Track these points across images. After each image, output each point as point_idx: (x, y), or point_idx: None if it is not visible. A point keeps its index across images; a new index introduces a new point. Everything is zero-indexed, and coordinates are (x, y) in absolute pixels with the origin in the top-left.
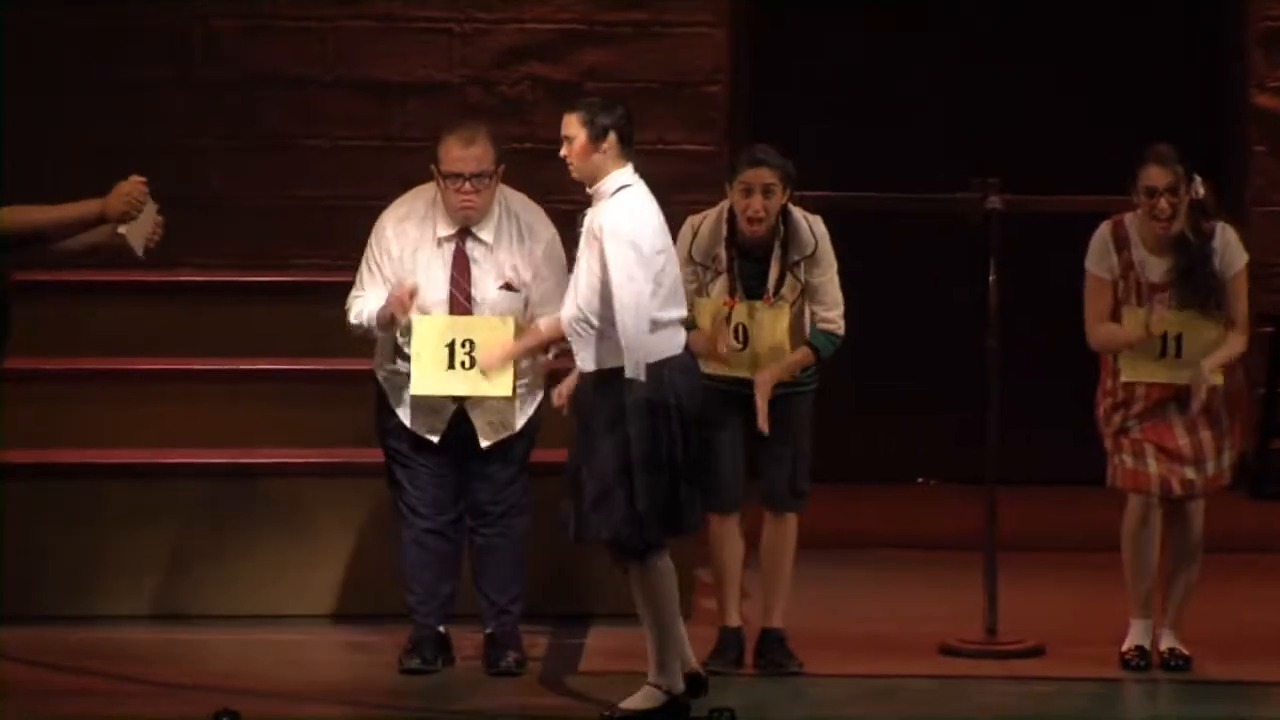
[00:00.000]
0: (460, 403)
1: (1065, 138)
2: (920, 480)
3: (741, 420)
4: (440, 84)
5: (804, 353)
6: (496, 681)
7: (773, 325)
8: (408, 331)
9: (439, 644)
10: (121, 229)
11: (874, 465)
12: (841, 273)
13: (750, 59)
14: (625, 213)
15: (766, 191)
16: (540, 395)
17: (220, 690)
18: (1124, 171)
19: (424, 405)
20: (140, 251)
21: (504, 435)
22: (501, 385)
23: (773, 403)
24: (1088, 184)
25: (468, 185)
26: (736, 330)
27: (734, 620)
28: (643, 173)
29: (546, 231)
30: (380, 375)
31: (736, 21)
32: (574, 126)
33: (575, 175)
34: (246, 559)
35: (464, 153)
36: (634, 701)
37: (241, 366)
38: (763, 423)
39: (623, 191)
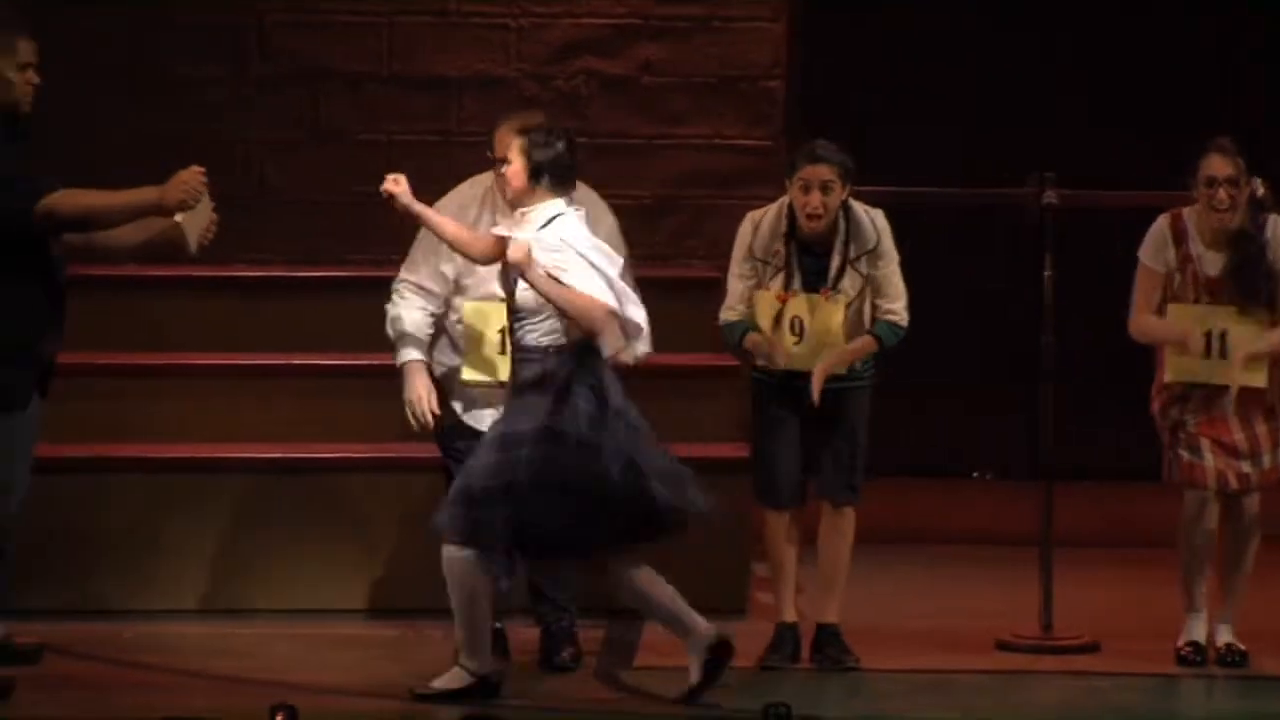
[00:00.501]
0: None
1: (1122, 136)
2: (975, 475)
3: (798, 416)
4: (497, 79)
5: (867, 340)
6: (552, 677)
7: (829, 319)
8: (460, 321)
9: (496, 640)
10: (178, 218)
11: (929, 460)
12: (899, 266)
13: (808, 53)
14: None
15: (825, 188)
16: None
17: (276, 685)
18: (1180, 171)
19: (479, 397)
20: (194, 247)
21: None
22: None
23: (829, 396)
24: (1141, 183)
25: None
26: (793, 324)
27: (790, 615)
28: (699, 167)
29: (607, 218)
30: (437, 371)
31: (794, 16)
32: (514, 153)
33: (508, 196)
34: (299, 554)
35: (510, 138)
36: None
37: (294, 361)
38: (816, 394)
39: (554, 222)
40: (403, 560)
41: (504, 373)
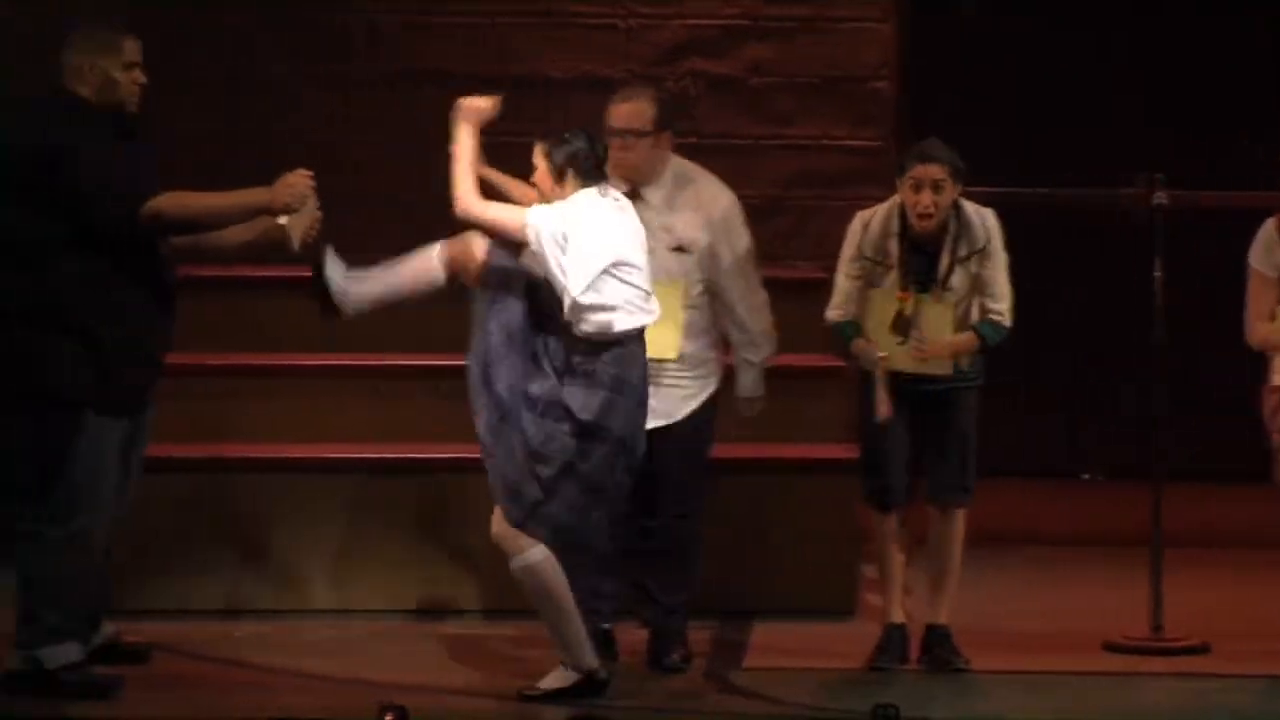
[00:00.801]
0: None
1: (1228, 137)
2: (1086, 476)
3: (907, 416)
4: (604, 79)
5: (970, 335)
6: (660, 678)
7: (937, 320)
8: None
9: (603, 641)
10: (283, 220)
11: (1040, 460)
12: (1008, 267)
13: (916, 54)
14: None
15: (936, 187)
16: (711, 390)
17: (385, 685)
18: None
19: None
20: (297, 246)
21: (661, 422)
22: (669, 346)
23: (938, 397)
24: (1249, 184)
25: (619, 141)
26: (902, 324)
27: (898, 617)
28: (807, 168)
29: (725, 196)
30: None
31: (903, 16)
32: (538, 157)
33: (539, 198)
34: (408, 554)
35: (617, 108)
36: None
37: (403, 362)
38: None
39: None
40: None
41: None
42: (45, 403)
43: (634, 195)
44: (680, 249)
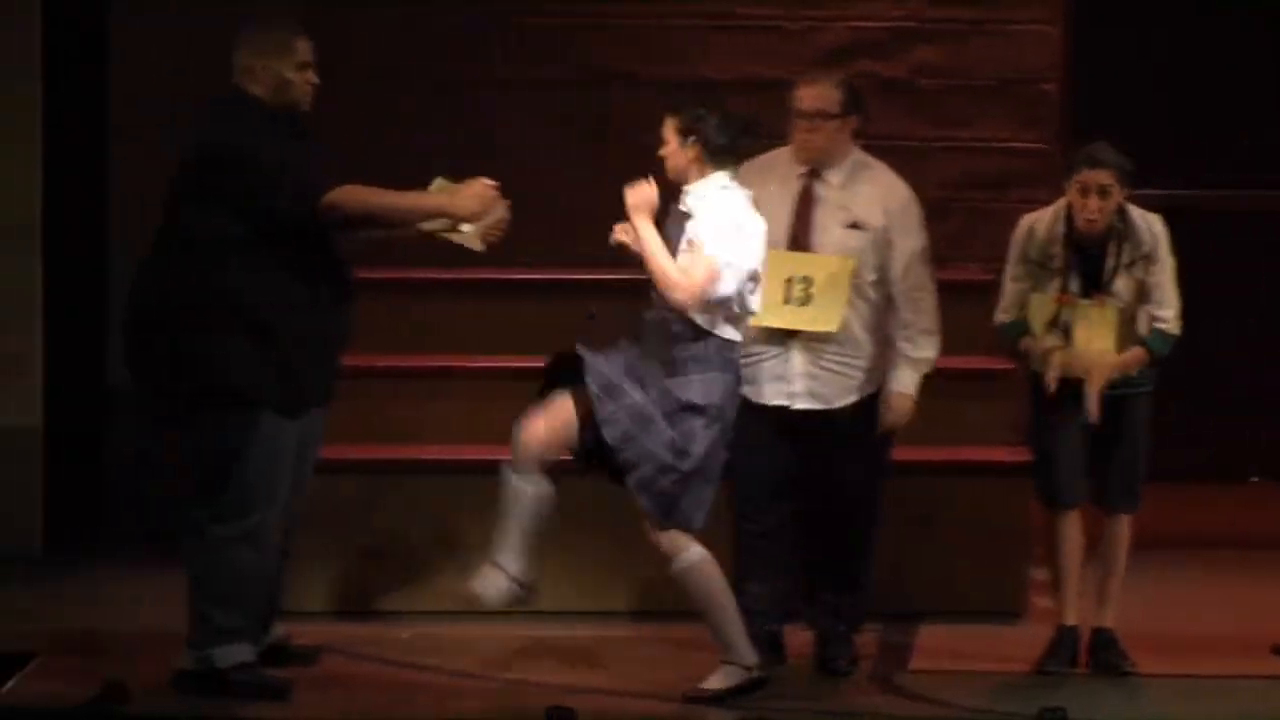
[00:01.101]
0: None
1: None
2: (1254, 479)
3: (1078, 416)
4: (770, 81)
5: (1138, 352)
6: (826, 680)
7: (1100, 325)
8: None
9: (771, 643)
10: (465, 228)
11: (1207, 464)
12: (1176, 273)
13: (1085, 56)
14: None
15: (1102, 192)
16: (877, 386)
17: (552, 688)
18: None
19: (767, 372)
20: (480, 246)
21: (818, 406)
22: (830, 320)
23: (1108, 403)
24: None
25: (804, 123)
26: (1067, 329)
27: (1072, 618)
28: (975, 170)
29: (905, 189)
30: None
31: (1071, 18)
32: (669, 132)
33: (669, 175)
34: (575, 555)
35: (804, 90)
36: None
37: None
38: (1093, 410)
39: (715, 194)
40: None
41: (784, 319)
42: (222, 401)
43: (814, 174)
44: (855, 226)
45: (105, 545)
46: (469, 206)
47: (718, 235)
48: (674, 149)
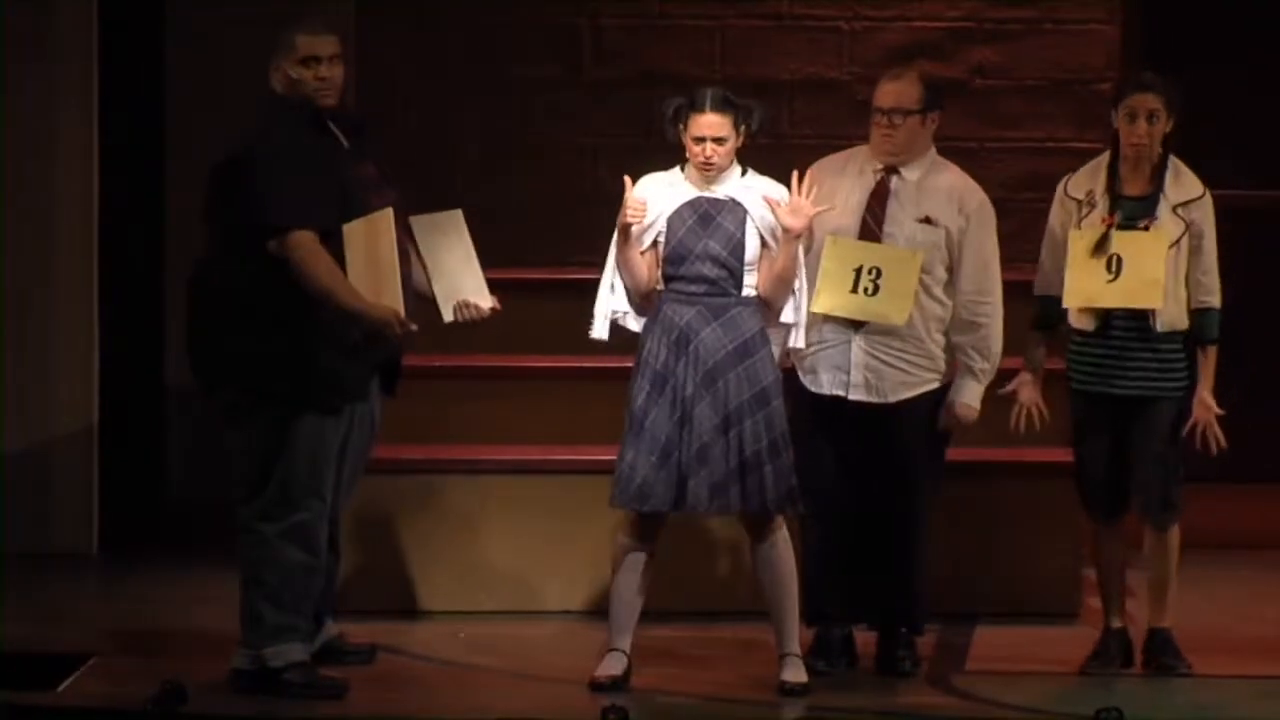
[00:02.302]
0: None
1: None
2: None
3: (1110, 426)
4: (829, 82)
5: (1209, 354)
6: (886, 680)
7: (1153, 253)
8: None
9: (843, 645)
10: (440, 294)
11: (1267, 465)
12: (1243, 271)
13: (1142, 56)
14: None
15: (1151, 117)
16: (934, 387)
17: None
18: None
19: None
20: (448, 317)
21: (873, 399)
22: (899, 311)
23: (1138, 405)
24: None
25: (885, 119)
26: (1110, 261)
27: (1116, 622)
28: (1032, 170)
29: (981, 194)
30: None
31: (1129, 18)
32: (727, 129)
33: (717, 170)
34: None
35: (887, 86)
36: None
37: (627, 364)
38: (1216, 444)
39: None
40: (732, 562)
41: (851, 308)
42: (262, 399)
43: (891, 170)
44: (928, 220)
45: (162, 544)
46: (383, 319)
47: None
48: (732, 144)
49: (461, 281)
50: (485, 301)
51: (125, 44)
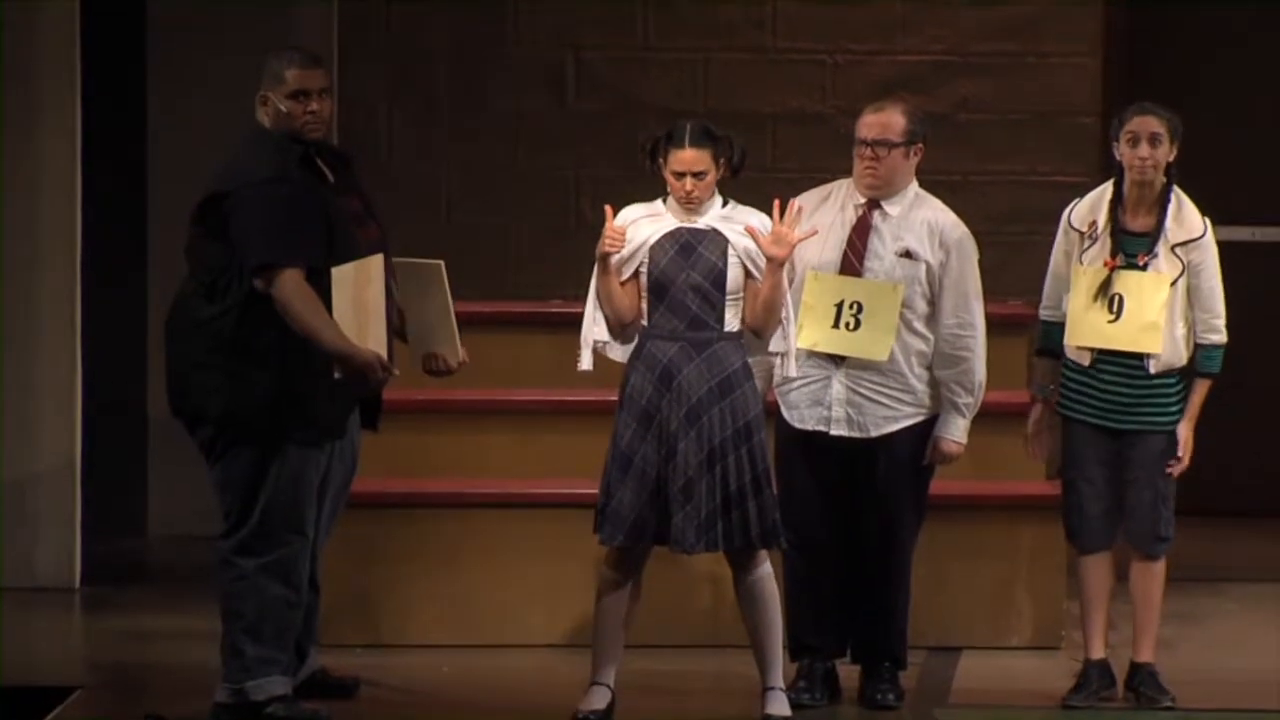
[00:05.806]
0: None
1: None
2: None
3: (1101, 457)
4: (813, 115)
5: (1201, 386)
6: (869, 714)
7: (1153, 294)
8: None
9: (825, 679)
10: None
11: (1260, 499)
12: (1256, 307)
13: (1125, 90)
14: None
15: (1153, 140)
16: (916, 421)
17: None
18: None
19: (807, 397)
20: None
21: (855, 434)
22: (881, 345)
23: (1129, 440)
24: None
25: (868, 151)
26: (1112, 301)
27: (1096, 653)
28: (1016, 204)
29: (962, 228)
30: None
31: (1111, 52)
32: (706, 162)
33: (699, 203)
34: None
35: (870, 118)
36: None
37: (611, 398)
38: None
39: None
40: (715, 595)
41: (834, 344)
42: (241, 433)
43: (873, 205)
44: (908, 254)
45: (145, 578)
46: (366, 363)
47: None
48: (713, 177)
49: (435, 334)
50: (454, 358)
51: (107, 70)
